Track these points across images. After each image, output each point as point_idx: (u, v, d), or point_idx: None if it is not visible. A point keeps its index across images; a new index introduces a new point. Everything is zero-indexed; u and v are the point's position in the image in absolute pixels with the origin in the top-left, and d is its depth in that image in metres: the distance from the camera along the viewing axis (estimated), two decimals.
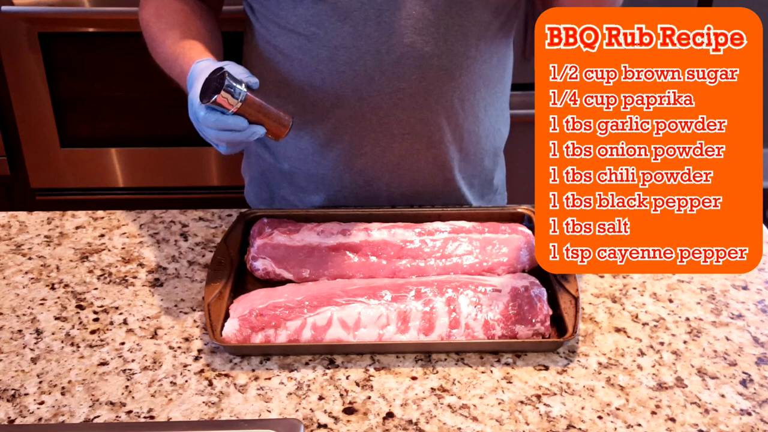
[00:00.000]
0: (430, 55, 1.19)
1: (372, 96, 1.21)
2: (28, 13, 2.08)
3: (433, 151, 1.28)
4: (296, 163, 1.32)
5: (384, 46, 1.18)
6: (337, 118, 1.24)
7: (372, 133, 1.25)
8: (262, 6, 1.23)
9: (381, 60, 1.18)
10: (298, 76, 1.23)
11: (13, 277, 1.17)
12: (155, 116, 2.24)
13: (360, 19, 1.16)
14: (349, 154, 1.27)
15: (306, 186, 1.34)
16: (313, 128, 1.26)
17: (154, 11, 1.24)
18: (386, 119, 1.23)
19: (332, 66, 1.20)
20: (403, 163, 1.28)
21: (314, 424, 0.93)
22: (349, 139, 1.26)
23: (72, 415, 0.94)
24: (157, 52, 1.22)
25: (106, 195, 2.37)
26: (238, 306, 1.05)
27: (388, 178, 1.30)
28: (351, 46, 1.18)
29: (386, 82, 1.20)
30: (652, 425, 0.93)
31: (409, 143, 1.26)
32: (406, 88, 1.21)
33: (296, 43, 1.21)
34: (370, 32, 1.17)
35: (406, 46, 1.18)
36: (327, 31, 1.18)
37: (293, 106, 1.25)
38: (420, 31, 1.17)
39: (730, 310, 1.12)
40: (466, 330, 1.03)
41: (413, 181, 1.31)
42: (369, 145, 1.26)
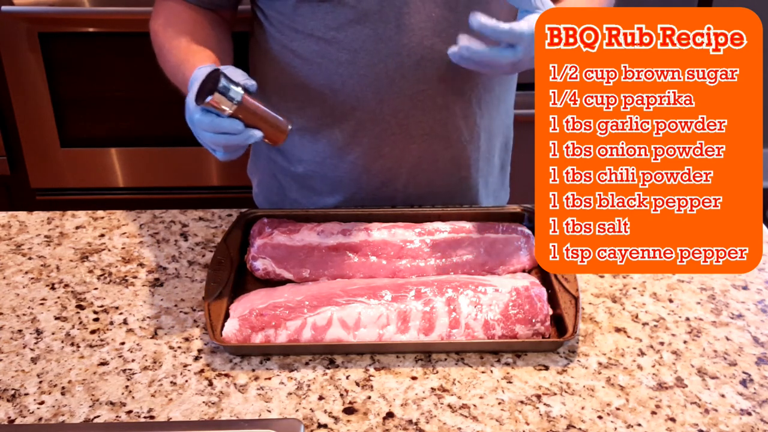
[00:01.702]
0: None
1: (392, 98, 1.21)
2: (28, 13, 2.09)
3: (451, 151, 1.29)
4: (312, 166, 1.32)
5: (404, 49, 1.17)
6: (356, 121, 1.24)
7: (391, 135, 1.25)
8: (277, 12, 1.21)
9: (401, 62, 1.18)
10: (317, 80, 1.23)
11: (13, 277, 1.17)
12: (155, 116, 2.24)
13: (380, 21, 1.16)
14: (368, 157, 1.27)
15: (321, 189, 1.33)
16: (331, 131, 1.26)
17: (165, 21, 1.23)
18: (406, 121, 1.23)
19: (352, 69, 1.20)
20: (420, 164, 1.28)
21: (314, 424, 0.93)
22: (368, 142, 1.26)
23: (72, 415, 0.94)
24: (165, 61, 1.22)
25: (106, 195, 2.37)
26: (238, 306, 1.05)
27: (405, 179, 1.30)
28: (371, 49, 1.17)
29: (407, 84, 1.20)
30: (652, 425, 0.93)
31: (428, 144, 1.26)
32: (427, 90, 1.21)
33: (315, 48, 1.20)
34: (390, 35, 1.16)
35: (426, 48, 1.18)
36: (347, 34, 1.17)
37: (312, 110, 1.25)
38: (440, 32, 1.17)
39: (730, 310, 1.12)
40: (466, 330, 1.03)
41: (430, 181, 1.31)
42: (388, 147, 1.26)
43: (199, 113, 1.02)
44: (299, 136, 1.29)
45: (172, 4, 1.24)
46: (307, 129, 1.28)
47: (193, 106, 1.03)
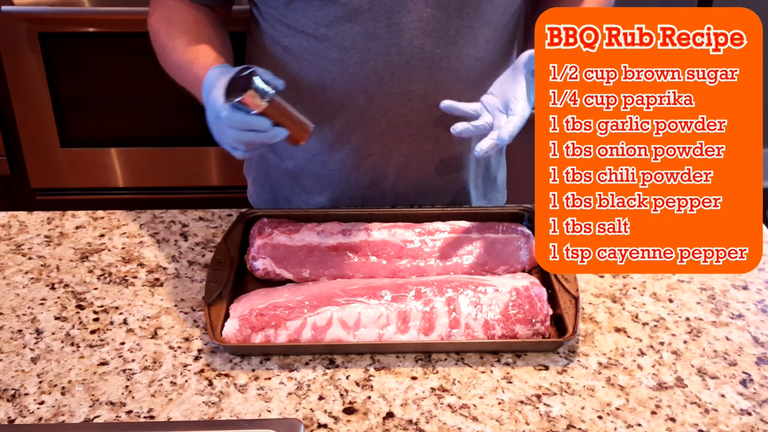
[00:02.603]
0: (440, 56, 1.19)
1: (382, 97, 1.21)
2: (28, 13, 2.09)
3: (441, 151, 1.29)
4: (302, 162, 1.32)
5: (394, 48, 1.17)
6: (345, 118, 1.24)
7: (380, 134, 1.25)
8: (270, 7, 1.22)
9: (391, 61, 1.18)
10: (308, 77, 1.23)
11: (13, 277, 1.17)
12: (155, 116, 2.24)
13: (370, 20, 1.16)
14: (357, 155, 1.27)
15: (311, 186, 1.34)
16: (321, 128, 1.26)
17: (165, 19, 1.22)
18: (395, 120, 1.23)
19: (342, 67, 1.20)
20: (410, 164, 1.28)
21: (314, 424, 0.93)
22: (357, 140, 1.26)
23: (72, 415, 0.94)
24: (167, 60, 1.21)
25: (106, 195, 2.37)
26: (238, 306, 1.05)
27: (394, 178, 1.30)
28: (361, 47, 1.18)
29: (396, 83, 1.20)
30: (652, 425, 0.93)
31: (417, 144, 1.26)
32: (416, 90, 1.21)
33: (305, 44, 1.20)
34: (381, 33, 1.16)
35: (416, 47, 1.18)
36: (337, 32, 1.17)
37: (302, 107, 1.25)
38: (430, 33, 1.17)
39: (730, 310, 1.12)
40: (466, 330, 1.03)
41: (419, 181, 1.31)
42: (377, 146, 1.26)
43: (228, 110, 1.02)
44: None
45: (170, 2, 1.24)
46: None
47: (220, 103, 1.02)
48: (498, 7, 1.19)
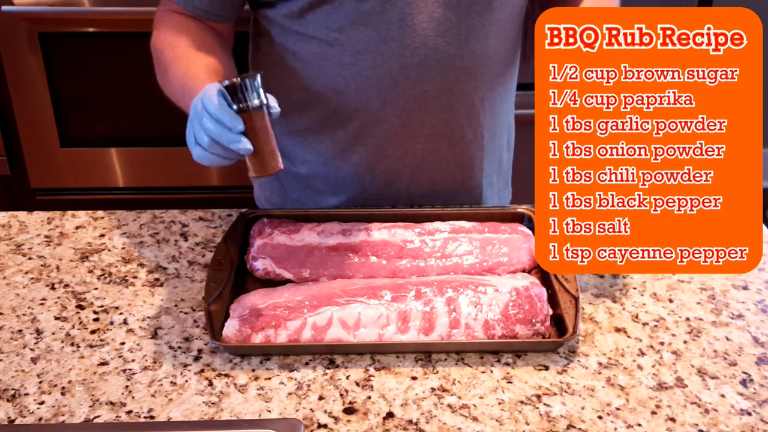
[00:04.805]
0: (453, 56, 1.19)
1: (396, 99, 1.21)
2: (28, 13, 2.09)
3: (455, 151, 1.29)
4: (315, 166, 1.31)
5: (408, 50, 1.17)
6: (360, 122, 1.24)
7: (395, 136, 1.25)
8: (278, 14, 1.20)
9: (405, 63, 1.18)
10: (320, 82, 1.22)
11: (13, 277, 1.17)
12: (155, 116, 2.24)
13: (382, 23, 1.15)
14: (371, 157, 1.27)
15: (324, 189, 1.33)
16: (334, 132, 1.26)
17: (169, 40, 1.18)
18: (409, 121, 1.23)
19: (356, 71, 1.19)
20: (424, 164, 1.28)
21: (314, 424, 0.93)
22: (372, 143, 1.26)
23: (72, 415, 0.94)
24: (167, 81, 1.17)
25: (106, 195, 2.37)
26: (238, 306, 1.05)
27: (408, 179, 1.30)
28: (375, 51, 1.17)
29: (410, 85, 1.20)
30: (652, 425, 0.93)
31: (431, 144, 1.26)
32: (430, 90, 1.21)
33: (317, 49, 1.20)
34: (394, 36, 1.16)
35: (430, 48, 1.18)
36: (349, 36, 1.17)
37: (314, 112, 1.25)
38: (443, 33, 1.17)
39: (730, 310, 1.12)
40: (466, 330, 1.03)
41: (434, 181, 1.31)
42: (391, 148, 1.26)
43: (215, 94, 0.96)
44: (302, 137, 1.29)
45: (176, 19, 1.20)
46: (310, 130, 1.28)
47: (212, 90, 0.97)
48: (506, 5, 1.20)
